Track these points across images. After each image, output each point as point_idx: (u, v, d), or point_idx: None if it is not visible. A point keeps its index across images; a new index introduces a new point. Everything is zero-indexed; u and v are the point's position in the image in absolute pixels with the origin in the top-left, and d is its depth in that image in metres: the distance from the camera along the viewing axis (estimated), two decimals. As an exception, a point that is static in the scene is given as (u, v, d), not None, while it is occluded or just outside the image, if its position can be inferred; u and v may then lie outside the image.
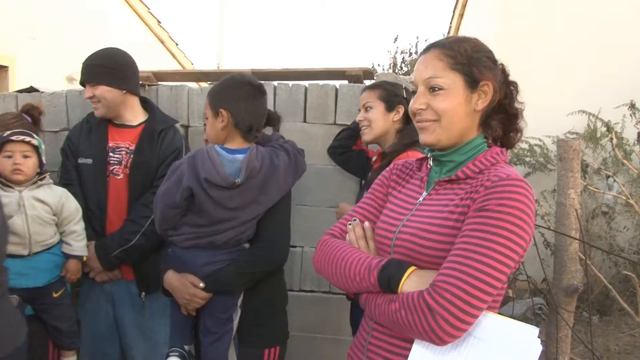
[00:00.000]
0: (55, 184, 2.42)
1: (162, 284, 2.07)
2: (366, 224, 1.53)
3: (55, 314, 2.36)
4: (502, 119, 1.42)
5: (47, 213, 2.29)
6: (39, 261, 2.28)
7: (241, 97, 1.98)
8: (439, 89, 1.35)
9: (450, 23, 9.27)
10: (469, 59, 1.35)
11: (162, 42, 8.84)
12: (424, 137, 1.41)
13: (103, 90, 2.50)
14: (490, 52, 1.40)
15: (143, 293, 2.55)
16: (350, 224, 1.54)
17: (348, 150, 2.68)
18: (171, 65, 8.82)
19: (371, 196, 1.59)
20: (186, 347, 2.06)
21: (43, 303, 2.33)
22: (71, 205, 2.38)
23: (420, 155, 1.56)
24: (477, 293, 1.15)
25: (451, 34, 9.12)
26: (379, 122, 2.35)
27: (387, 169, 1.62)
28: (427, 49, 1.43)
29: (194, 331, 2.09)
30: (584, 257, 1.99)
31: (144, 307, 2.57)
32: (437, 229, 1.30)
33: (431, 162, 1.46)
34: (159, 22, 8.86)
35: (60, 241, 2.38)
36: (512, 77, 1.45)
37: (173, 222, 1.99)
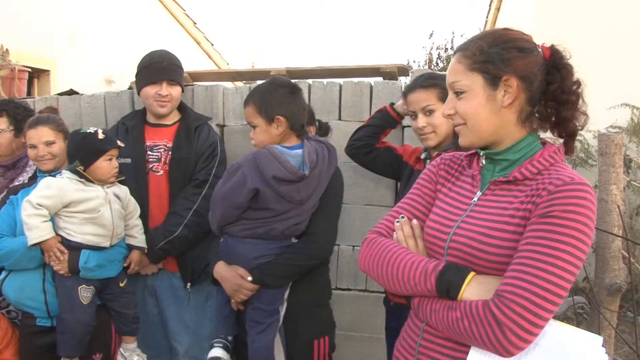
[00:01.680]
0: None
1: (212, 273, 2.13)
2: (414, 221, 1.48)
3: (123, 302, 2.46)
4: (554, 106, 1.34)
5: (120, 207, 2.41)
6: (112, 253, 2.39)
7: (291, 100, 2.03)
8: (462, 93, 1.34)
9: (487, 17, 9.11)
10: (485, 56, 1.31)
11: (198, 42, 8.93)
12: (460, 141, 1.40)
13: (178, 91, 2.64)
14: (517, 40, 1.33)
15: (188, 284, 2.63)
16: (398, 222, 1.49)
17: (374, 149, 2.50)
18: (207, 66, 8.90)
19: (418, 192, 1.54)
20: (229, 338, 2.12)
21: (111, 293, 2.43)
22: (133, 201, 2.50)
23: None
24: (544, 304, 1.11)
25: (487, 27, 8.97)
26: (443, 126, 2.12)
27: (434, 162, 1.56)
28: (453, 53, 1.42)
29: (237, 322, 2.16)
30: (627, 255, 1.94)
31: (188, 299, 2.66)
32: (497, 234, 1.26)
33: (484, 161, 1.42)
34: (195, 23, 8.96)
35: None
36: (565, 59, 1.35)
37: (232, 220, 2.05)
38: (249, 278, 1.99)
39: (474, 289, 1.22)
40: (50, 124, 2.46)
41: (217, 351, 2.03)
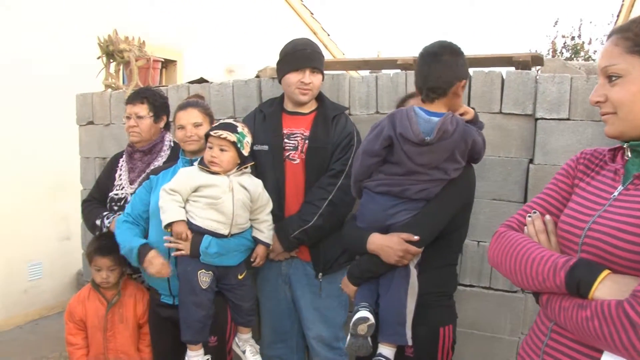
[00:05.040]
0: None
1: (364, 246, 2.09)
2: (547, 217, 1.42)
3: (239, 294, 2.54)
4: None
5: (247, 199, 2.46)
6: (233, 243, 2.46)
7: (417, 63, 2.06)
8: (616, 78, 1.23)
9: (623, 0, 8.42)
10: None
11: (314, 33, 9.05)
12: (606, 130, 1.30)
13: (320, 79, 2.68)
14: None
15: (320, 274, 2.66)
16: (529, 216, 1.44)
17: None
18: (323, 56, 8.98)
19: (554, 187, 1.48)
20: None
21: (228, 283, 2.51)
22: (265, 196, 2.55)
23: None
24: None
25: (623, 13, 8.31)
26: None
27: (574, 157, 1.48)
28: (608, 36, 1.31)
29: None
30: None
31: (320, 289, 2.67)
32: (637, 230, 1.15)
33: (629, 153, 1.31)
34: (312, 13, 9.08)
35: (250, 227, 2.54)
36: None
37: (369, 172, 2.10)
38: (415, 238, 1.97)
39: (608, 287, 1.13)
40: (199, 108, 2.61)
41: (364, 312, 2.02)
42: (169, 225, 2.35)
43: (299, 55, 2.60)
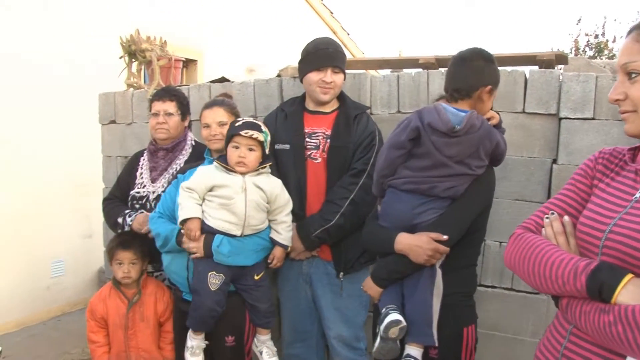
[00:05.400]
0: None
1: (392, 246, 2.06)
2: (566, 218, 1.38)
3: (256, 295, 2.51)
4: None
5: (263, 200, 2.43)
6: (249, 243, 2.44)
7: (449, 65, 2.09)
8: (636, 75, 1.20)
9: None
10: None
11: (334, 32, 9.03)
12: (625, 128, 1.27)
13: (342, 79, 2.66)
14: None
15: (341, 274, 2.65)
16: (547, 218, 1.40)
17: None
18: (342, 55, 8.96)
19: (572, 187, 1.43)
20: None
21: (245, 284, 2.49)
22: (284, 197, 2.52)
23: None
24: None
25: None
26: None
27: (592, 157, 1.44)
28: (627, 33, 1.27)
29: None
30: None
31: (340, 288, 2.67)
32: None
33: None
34: (332, 12, 9.08)
35: (269, 227, 2.52)
36: None
37: (394, 167, 2.07)
38: (445, 237, 1.95)
39: (632, 292, 1.09)
40: (225, 107, 2.64)
41: (395, 315, 1.99)
42: (184, 222, 2.35)
43: (321, 55, 2.59)
